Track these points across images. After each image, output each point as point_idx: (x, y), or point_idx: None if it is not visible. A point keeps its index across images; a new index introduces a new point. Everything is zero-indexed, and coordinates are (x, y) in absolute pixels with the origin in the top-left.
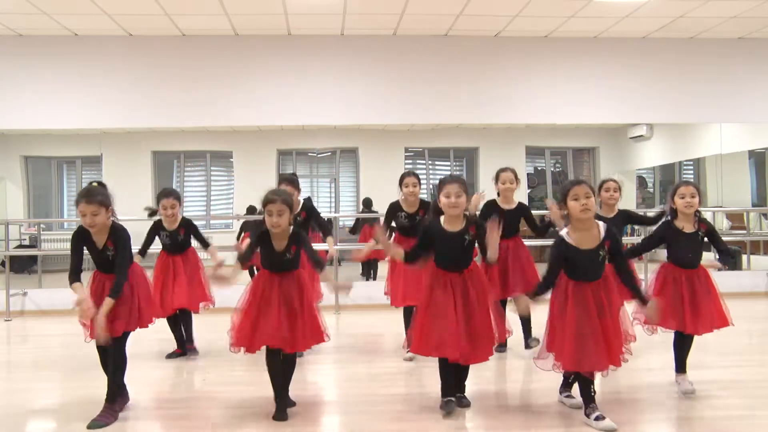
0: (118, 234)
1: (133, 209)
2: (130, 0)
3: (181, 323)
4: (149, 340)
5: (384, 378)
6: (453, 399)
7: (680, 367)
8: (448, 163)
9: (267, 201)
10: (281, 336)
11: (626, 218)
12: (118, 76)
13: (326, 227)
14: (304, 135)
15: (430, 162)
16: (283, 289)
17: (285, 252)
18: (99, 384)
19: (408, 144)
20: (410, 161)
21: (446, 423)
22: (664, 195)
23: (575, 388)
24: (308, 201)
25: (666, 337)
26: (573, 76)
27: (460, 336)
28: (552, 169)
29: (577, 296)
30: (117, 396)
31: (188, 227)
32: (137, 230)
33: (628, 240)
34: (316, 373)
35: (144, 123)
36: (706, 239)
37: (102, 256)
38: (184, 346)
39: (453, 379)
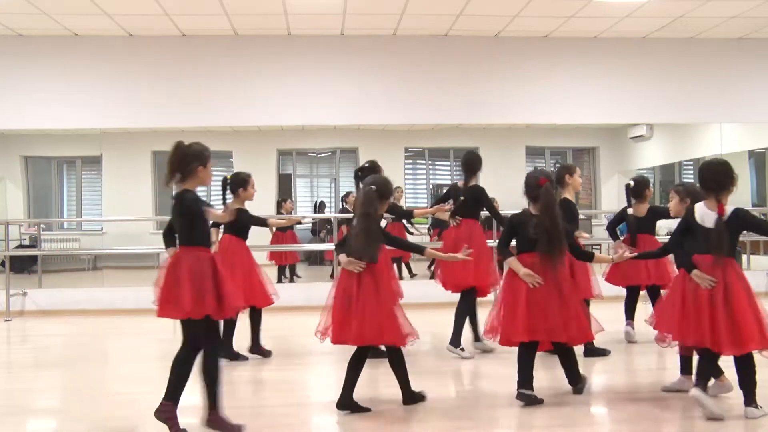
0: None
1: (133, 209)
2: (130, 0)
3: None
4: (151, 340)
5: (386, 379)
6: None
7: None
8: (448, 163)
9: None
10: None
11: (656, 215)
12: (118, 76)
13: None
14: (304, 135)
15: (430, 162)
16: (364, 285)
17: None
18: (98, 384)
19: (408, 144)
20: (410, 161)
21: (448, 424)
22: (664, 195)
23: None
24: None
25: None
26: (573, 76)
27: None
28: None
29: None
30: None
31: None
32: (135, 231)
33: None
34: (317, 374)
35: (144, 123)
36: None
37: None
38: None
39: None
